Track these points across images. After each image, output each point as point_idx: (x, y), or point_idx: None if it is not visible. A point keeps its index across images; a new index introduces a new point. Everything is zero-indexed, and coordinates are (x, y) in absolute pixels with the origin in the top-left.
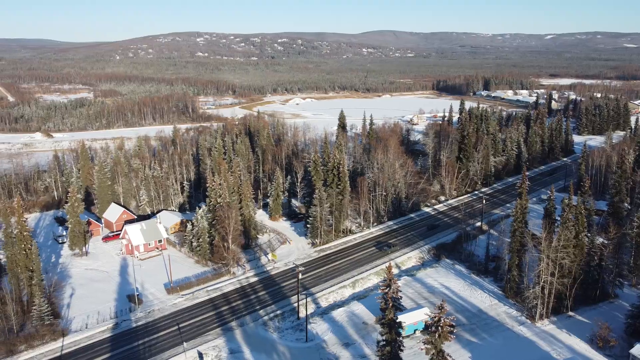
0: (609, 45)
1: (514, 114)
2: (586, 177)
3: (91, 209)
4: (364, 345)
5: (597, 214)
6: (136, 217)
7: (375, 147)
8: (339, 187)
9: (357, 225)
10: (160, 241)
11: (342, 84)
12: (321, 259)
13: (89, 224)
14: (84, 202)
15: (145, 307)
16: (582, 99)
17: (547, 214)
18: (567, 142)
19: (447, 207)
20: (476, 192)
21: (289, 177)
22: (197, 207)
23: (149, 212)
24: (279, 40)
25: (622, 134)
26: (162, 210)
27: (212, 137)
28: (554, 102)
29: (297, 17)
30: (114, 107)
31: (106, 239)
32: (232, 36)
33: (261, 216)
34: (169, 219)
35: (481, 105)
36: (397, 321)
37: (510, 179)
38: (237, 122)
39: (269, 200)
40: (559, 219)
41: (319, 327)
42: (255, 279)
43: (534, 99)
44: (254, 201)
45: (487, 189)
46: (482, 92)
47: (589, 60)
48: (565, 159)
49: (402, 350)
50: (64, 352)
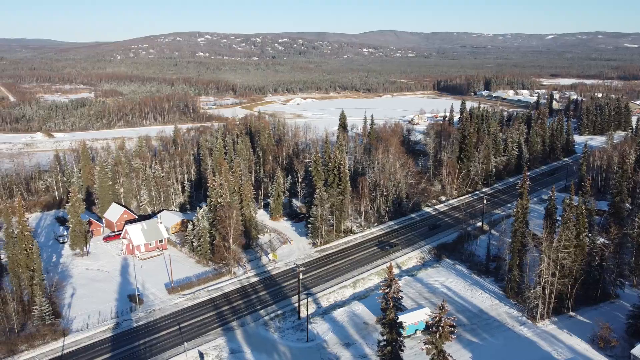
0: (610, 45)
1: (515, 114)
2: (587, 177)
3: (92, 209)
4: (364, 345)
5: (598, 214)
6: (137, 217)
7: (376, 147)
8: (340, 187)
9: (357, 225)
10: (161, 241)
11: (343, 84)
12: (322, 259)
13: (89, 223)
14: (84, 202)
15: (146, 307)
16: (583, 99)
17: (548, 214)
18: (568, 142)
19: (447, 207)
20: (477, 192)
21: (290, 177)
22: (198, 207)
23: (150, 212)
24: (280, 40)
25: (623, 134)
26: (163, 210)
27: (213, 137)
28: (555, 102)
29: (298, 17)
30: (115, 107)
31: (107, 238)
32: (233, 36)
33: (262, 216)
34: (169, 219)
35: (482, 105)
36: (398, 321)
37: (511, 179)
38: (238, 122)
39: (269, 200)
40: (560, 219)
41: (319, 327)
42: (256, 279)
43: (535, 99)
44: (254, 201)
45: (488, 189)
46: (483, 92)
47: (590, 60)
48: (566, 159)
49: (402, 350)
50: (65, 351)
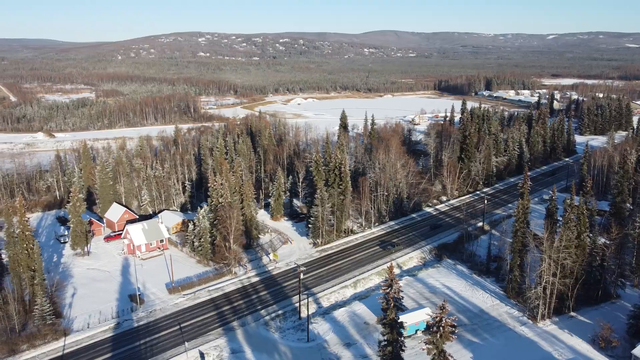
0: (611, 45)
1: (516, 114)
2: (588, 177)
3: (93, 209)
4: (365, 345)
5: (599, 214)
6: (138, 217)
7: (376, 147)
8: (341, 187)
9: (358, 225)
10: (161, 241)
11: (343, 84)
12: (322, 259)
13: (90, 223)
14: (85, 202)
15: (146, 307)
16: (584, 99)
17: (549, 214)
18: (569, 142)
19: (448, 207)
20: (478, 192)
21: (291, 177)
22: (199, 207)
23: (151, 212)
24: (281, 40)
25: (624, 134)
26: (164, 210)
27: (214, 137)
28: (556, 102)
29: (299, 17)
30: (116, 107)
31: (108, 238)
32: (234, 36)
33: (263, 216)
34: (170, 219)
35: (483, 105)
36: (399, 321)
37: (512, 179)
38: (238, 122)
39: (270, 200)
40: (561, 219)
41: (320, 327)
42: (256, 279)
43: (535, 99)
44: (255, 201)
45: (488, 189)
46: (484, 92)
47: (591, 60)
48: (567, 159)
49: (403, 350)
50: (66, 351)
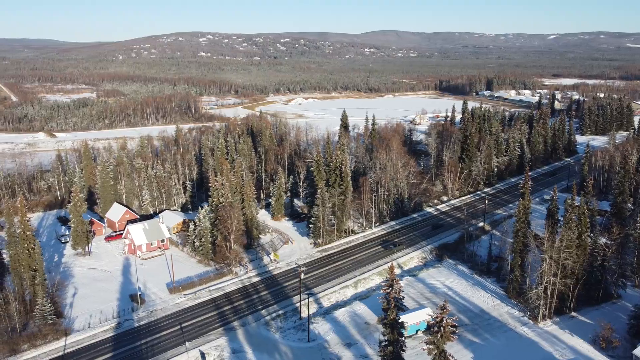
0: (612, 45)
1: (517, 114)
2: (589, 177)
3: (94, 209)
4: (366, 345)
5: (600, 215)
6: (139, 216)
7: (377, 147)
8: (342, 187)
9: (359, 225)
10: (162, 241)
11: (344, 84)
12: (323, 259)
13: (91, 223)
14: (86, 202)
15: (147, 307)
16: (585, 99)
17: (549, 214)
18: (570, 142)
19: (449, 208)
20: (479, 192)
21: (292, 177)
22: (200, 207)
23: (152, 212)
24: (282, 40)
25: (625, 134)
26: (165, 210)
27: (215, 137)
28: (556, 102)
29: (300, 17)
30: (117, 107)
31: (109, 238)
32: (235, 36)
33: (263, 216)
34: (171, 219)
35: (484, 105)
36: (400, 321)
37: (512, 179)
38: (239, 122)
39: (271, 200)
40: (562, 219)
41: (321, 327)
42: (257, 279)
43: (536, 99)
44: (256, 201)
45: (489, 189)
46: (485, 92)
47: (592, 60)
48: (568, 159)
49: (404, 350)
50: (67, 351)
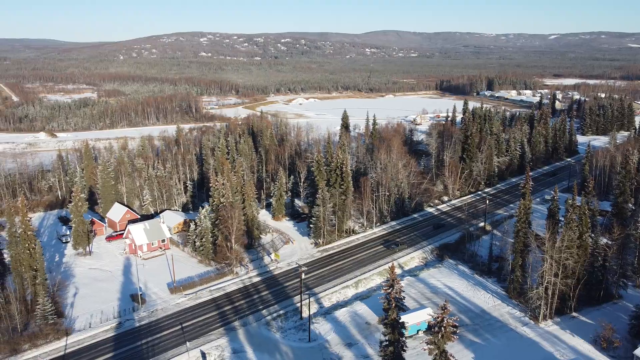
0: (613, 45)
1: (518, 114)
2: (590, 177)
3: (95, 209)
4: (366, 345)
5: (601, 215)
6: (139, 216)
7: (378, 147)
8: (342, 187)
9: (360, 225)
10: (163, 241)
11: (345, 84)
12: (324, 259)
13: (92, 223)
14: (87, 202)
15: (148, 307)
16: (586, 99)
17: (550, 214)
18: (571, 142)
19: (450, 208)
20: (479, 192)
21: (292, 177)
22: (200, 207)
23: (152, 212)
24: (282, 40)
25: (626, 134)
26: (166, 210)
27: (215, 137)
28: (557, 102)
29: (301, 17)
30: (118, 107)
31: (109, 238)
32: (236, 36)
33: (264, 216)
34: (172, 219)
35: (485, 105)
36: (400, 321)
37: (513, 179)
38: (240, 122)
39: (272, 200)
40: (563, 219)
41: (321, 327)
42: (258, 279)
43: (537, 99)
44: (257, 201)
45: (490, 189)
46: (486, 92)
47: (593, 60)
48: (569, 159)
49: (404, 350)
50: (68, 351)
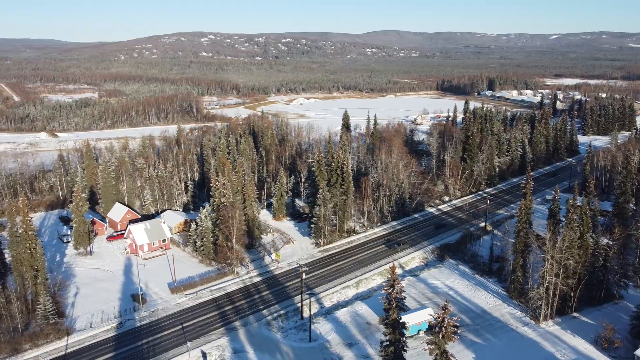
0: (614, 45)
1: (519, 114)
2: (591, 177)
3: (96, 209)
4: (367, 345)
5: (602, 215)
6: (140, 216)
7: (379, 147)
8: (343, 187)
9: (360, 225)
10: (164, 241)
11: (346, 84)
12: (325, 259)
13: (93, 223)
14: (88, 202)
15: (149, 307)
16: (587, 99)
17: (551, 214)
18: (572, 142)
19: (451, 208)
20: (480, 192)
21: (293, 177)
22: (201, 207)
23: (153, 212)
24: (283, 40)
25: (627, 134)
26: (166, 210)
27: (216, 137)
28: (558, 102)
29: (301, 17)
30: (119, 107)
31: (110, 238)
32: (236, 36)
33: (265, 216)
34: (173, 219)
35: (485, 105)
36: (401, 321)
37: (514, 180)
38: (241, 122)
39: (272, 200)
40: (564, 219)
41: (322, 327)
42: (258, 279)
43: (538, 99)
44: (257, 201)
45: (491, 189)
46: (487, 92)
47: (594, 60)
48: (570, 160)
49: (405, 350)
50: (69, 351)
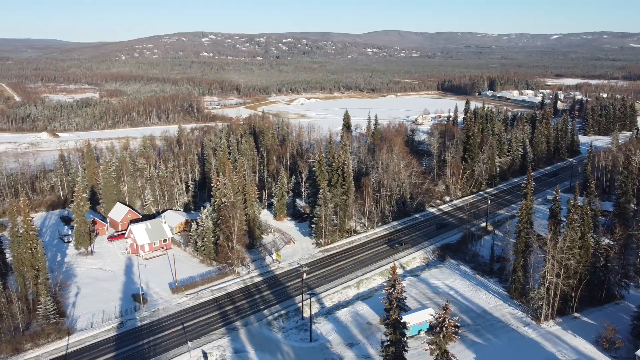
0: (615, 45)
1: (520, 114)
2: (592, 177)
3: (96, 209)
4: (368, 345)
5: (603, 215)
6: (141, 216)
7: (380, 147)
8: (344, 187)
9: (361, 225)
10: (165, 241)
11: (346, 84)
12: (325, 259)
13: (94, 223)
14: (89, 202)
15: (150, 307)
16: (588, 99)
17: (552, 214)
18: (573, 142)
19: (451, 208)
20: (481, 192)
21: (294, 177)
22: (202, 207)
23: (154, 212)
24: (284, 40)
25: (628, 134)
26: (167, 209)
27: (217, 137)
28: (559, 102)
29: (302, 17)
30: (120, 107)
31: (111, 238)
32: (237, 36)
33: (266, 216)
34: (173, 219)
35: (486, 105)
36: (402, 321)
37: (515, 180)
38: (241, 122)
39: (273, 200)
40: (565, 219)
41: (323, 327)
42: (259, 279)
43: (539, 99)
44: (258, 201)
45: (492, 189)
46: (488, 92)
47: (595, 60)
48: (571, 160)
49: (406, 350)
50: (69, 350)
